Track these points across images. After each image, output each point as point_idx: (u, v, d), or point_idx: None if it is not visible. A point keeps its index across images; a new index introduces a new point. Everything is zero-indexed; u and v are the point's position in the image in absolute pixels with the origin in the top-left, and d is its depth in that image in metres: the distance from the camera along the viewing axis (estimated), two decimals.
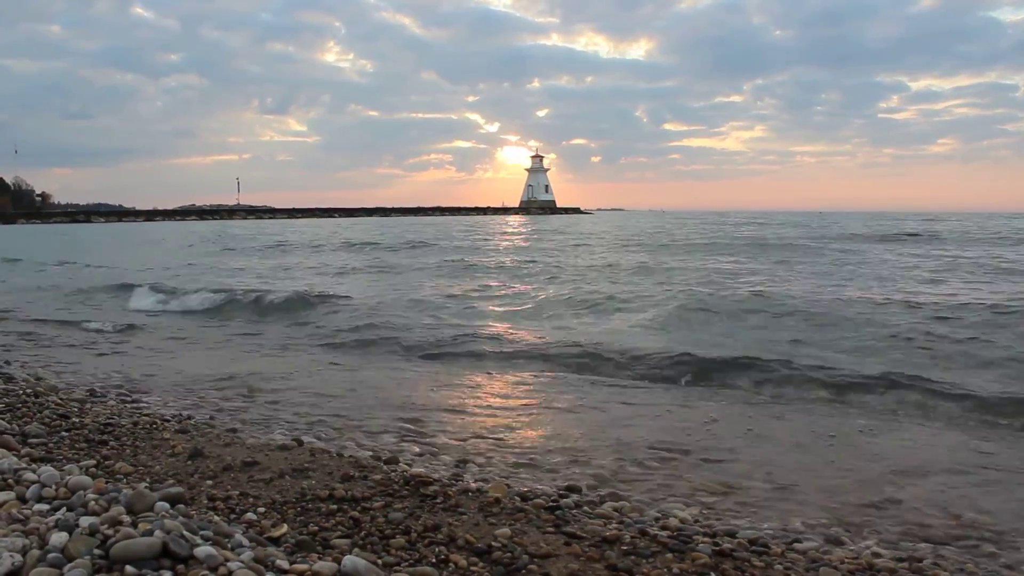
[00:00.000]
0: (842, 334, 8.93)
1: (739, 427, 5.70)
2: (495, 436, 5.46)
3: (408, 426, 5.61)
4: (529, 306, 12.33)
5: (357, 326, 10.34)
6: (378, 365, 8.36)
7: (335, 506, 3.38)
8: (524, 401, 6.71)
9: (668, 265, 19.52)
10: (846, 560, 3.19)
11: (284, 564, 2.50)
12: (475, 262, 20.75)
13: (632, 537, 3.22)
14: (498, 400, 6.66)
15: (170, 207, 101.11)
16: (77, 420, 4.79)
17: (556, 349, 8.53)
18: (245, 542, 2.63)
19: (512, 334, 9.71)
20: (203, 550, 2.38)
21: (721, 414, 6.10)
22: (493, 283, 16.09)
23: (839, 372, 7.04)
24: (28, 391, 5.68)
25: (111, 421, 4.82)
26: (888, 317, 9.89)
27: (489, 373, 7.72)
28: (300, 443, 4.51)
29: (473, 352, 8.51)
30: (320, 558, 2.68)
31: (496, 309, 12.04)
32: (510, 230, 46.14)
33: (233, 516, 3.18)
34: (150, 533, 2.39)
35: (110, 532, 2.43)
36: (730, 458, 4.96)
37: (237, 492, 3.51)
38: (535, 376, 7.59)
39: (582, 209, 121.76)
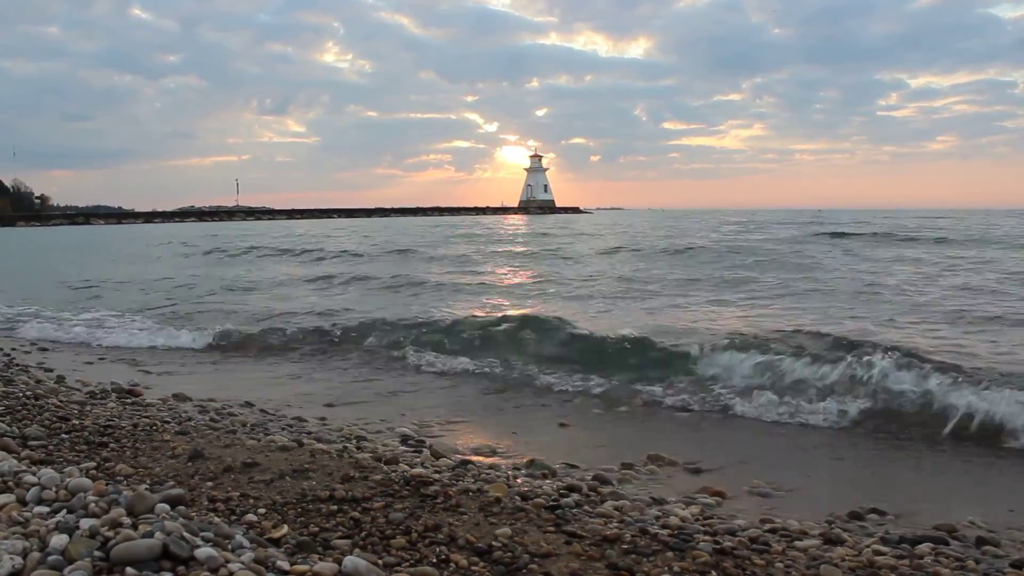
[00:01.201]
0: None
1: (731, 432, 5.73)
2: (495, 439, 5.47)
3: (408, 430, 5.62)
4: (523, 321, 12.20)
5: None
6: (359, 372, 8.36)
7: (335, 507, 3.38)
8: (523, 407, 6.72)
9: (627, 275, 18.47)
10: (847, 557, 3.18)
11: (285, 565, 2.50)
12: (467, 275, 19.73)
13: (633, 536, 3.21)
14: (498, 405, 6.67)
15: (169, 209, 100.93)
16: (77, 422, 4.79)
17: (552, 359, 8.51)
18: (246, 543, 2.63)
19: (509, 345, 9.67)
20: (204, 551, 2.38)
21: (710, 422, 6.12)
22: (485, 298, 15.66)
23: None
24: (28, 393, 5.67)
25: (111, 423, 4.81)
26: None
27: (488, 381, 7.71)
28: (300, 444, 4.51)
29: (469, 358, 8.48)
30: (321, 559, 2.68)
31: (489, 319, 11.94)
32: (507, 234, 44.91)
33: (234, 517, 3.18)
34: (150, 535, 2.39)
35: (110, 534, 2.43)
36: (726, 463, 4.98)
37: (237, 493, 3.51)
38: (533, 383, 7.60)
39: (581, 208, 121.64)
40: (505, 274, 18.77)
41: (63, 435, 4.45)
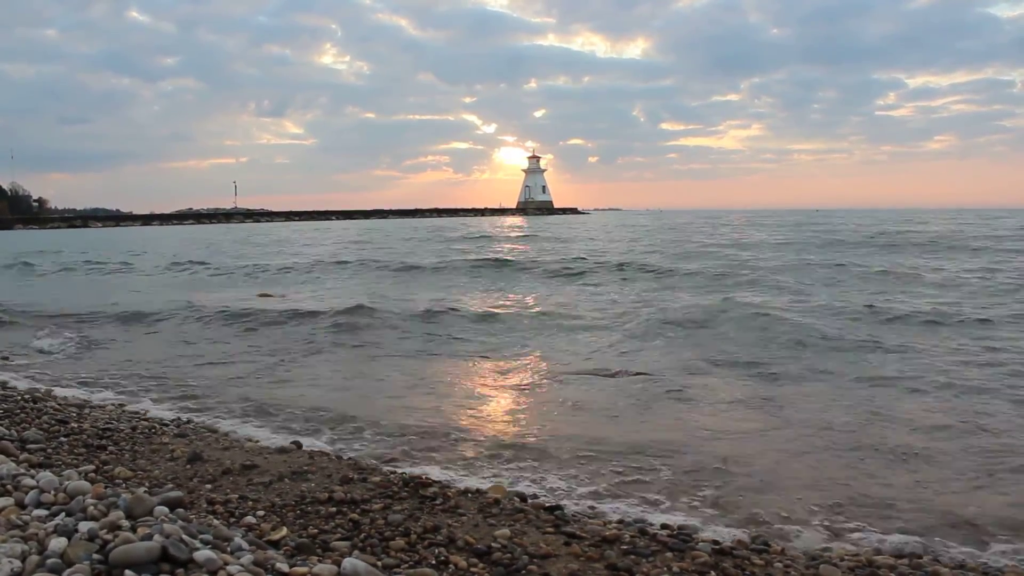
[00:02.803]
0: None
1: (725, 430, 5.72)
2: (495, 439, 5.46)
3: (407, 434, 5.61)
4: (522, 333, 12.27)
5: None
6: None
7: (334, 508, 3.38)
8: (523, 408, 6.71)
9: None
10: (846, 557, 3.19)
11: (284, 567, 2.50)
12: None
13: (632, 536, 3.22)
14: (497, 407, 6.66)
15: (167, 211, 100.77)
16: (76, 425, 4.78)
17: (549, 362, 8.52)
18: (245, 545, 2.63)
19: (508, 349, 9.70)
20: (203, 554, 2.38)
21: (706, 420, 6.12)
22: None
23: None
24: (26, 397, 5.67)
25: (110, 426, 4.81)
26: None
27: (485, 383, 7.71)
28: (299, 446, 4.51)
29: (467, 359, 8.49)
30: (320, 560, 2.68)
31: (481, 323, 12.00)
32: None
33: (232, 520, 3.18)
34: (149, 537, 2.39)
35: (109, 537, 2.43)
36: (725, 463, 4.97)
37: (236, 496, 3.51)
38: (532, 384, 7.59)
39: (579, 209, 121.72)
40: None
41: (62, 438, 4.45)
